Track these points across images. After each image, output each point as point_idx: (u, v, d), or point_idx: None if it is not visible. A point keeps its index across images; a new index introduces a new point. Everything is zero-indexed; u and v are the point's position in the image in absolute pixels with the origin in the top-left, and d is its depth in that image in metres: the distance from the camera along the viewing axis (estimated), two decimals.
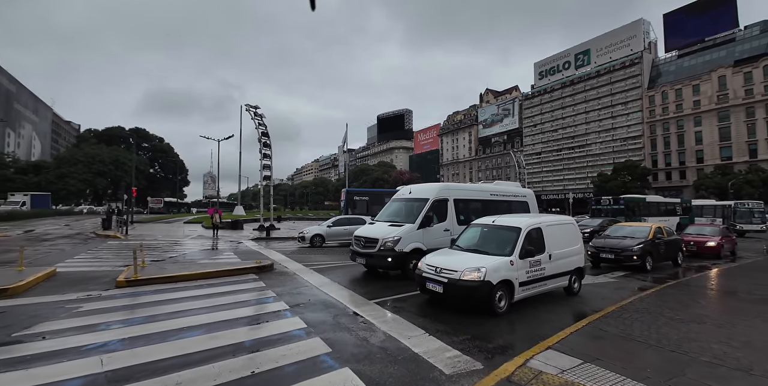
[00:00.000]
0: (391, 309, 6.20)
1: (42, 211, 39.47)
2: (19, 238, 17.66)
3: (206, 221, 32.40)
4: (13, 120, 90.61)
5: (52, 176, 59.46)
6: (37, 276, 7.72)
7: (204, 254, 13.02)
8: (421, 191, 9.97)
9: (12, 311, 5.68)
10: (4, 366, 3.70)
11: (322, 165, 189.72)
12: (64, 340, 4.46)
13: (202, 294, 7.05)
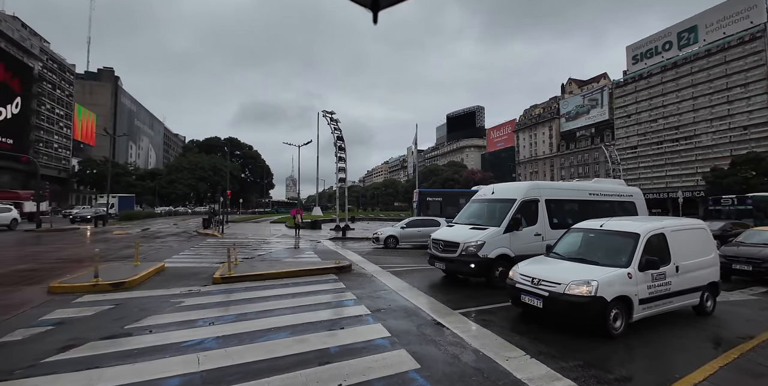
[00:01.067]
0: (479, 321, 5.63)
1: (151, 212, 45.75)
2: (137, 235, 20.47)
3: (289, 221, 34.50)
4: (135, 135, 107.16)
5: (164, 181, 68.90)
6: (149, 271, 8.64)
7: (288, 253, 13.65)
8: (506, 190, 9.13)
9: (126, 303, 6.33)
10: (115, 359, 3.99)
11: (391, 167, 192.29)
12: (167, 335, 4.74)
13: (287, 294, 7.20)
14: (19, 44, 61.80)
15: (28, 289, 7.31)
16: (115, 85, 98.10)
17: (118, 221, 32.78)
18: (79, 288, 7.05)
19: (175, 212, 55.31)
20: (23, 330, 4.83)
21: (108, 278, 7.48)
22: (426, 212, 20.58)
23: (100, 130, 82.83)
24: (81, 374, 3.58)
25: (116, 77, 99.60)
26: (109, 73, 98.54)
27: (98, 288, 7.10)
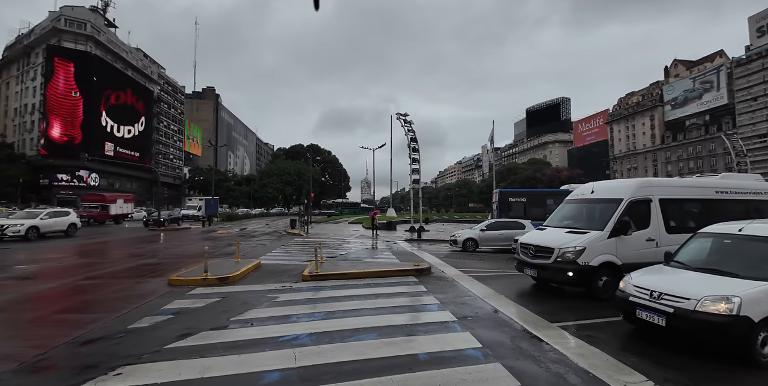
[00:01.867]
0: (582, 337, 4.99)
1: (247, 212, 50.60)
2: (236, 235, 22.79)
3: (366, 222, 35.49)
4: (232, 145, 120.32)
5: (257, 186, 76.15)
6: (248, 267, 9.46)
7: (366, 253, 13.95)
8: (609, 189, 8.09)
9: (230, 297, 6.96)
10: (223, 349, 4.35)
11: (464, 167, 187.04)
12: (266, 329, 5.06)
13: (370, 294, 7.27)
14: (142, 72, 73.73)
15: (152, 281, 8.49)
16: (216, 102, 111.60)
17: (221, 222, 37.01)
18: (192, 281, 7.98)
19: (267, 214, 60.73)
20: (149, 318, 5.56)
21: (215, 273, 8.35)
22: (508, 213, 19.45)
23: (206, 142, 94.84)
24: (196, 361, 3.96)
25: (217, 95, 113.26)
26: (211, 92, 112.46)
27: (207, 282, 7.96)
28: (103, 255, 13.73)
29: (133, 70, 70.55)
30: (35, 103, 57.50)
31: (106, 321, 5.40)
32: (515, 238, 11.61)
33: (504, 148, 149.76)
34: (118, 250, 15.37)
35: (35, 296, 7.24)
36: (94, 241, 18.37)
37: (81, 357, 4.13)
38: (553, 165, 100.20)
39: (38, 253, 13.31)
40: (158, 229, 25.97)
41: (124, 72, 66.99)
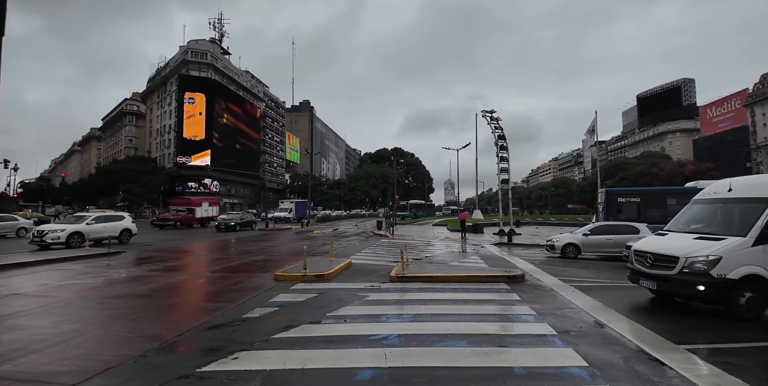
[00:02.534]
0: (718, 364, 4.14)
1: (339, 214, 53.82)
2: (330, 235, 24.38)
3: (451, 224, 34.91)
4: (325, 152, 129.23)
5: (346, 189, 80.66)
6: (341, 266, 10.04)
7: (453, 257, 13.68)
8: (753, 186, 6.61)
9: (326, 293, 7.45)
10: (320, 342, 4.67)
11: (561, 163, 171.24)
12: (358, 326, 5.29)
13: (458, 299, 7.10)
14: (251, 91, 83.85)
15: (262, 276, 9.55)
16: (311, 113, 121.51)
17: (316, 222, 40.09)
18: (294, 277, 8.77)
19: (356, 215, 63.89)
20: (259, 309, 6.25)
21: (313, 271, 9.04)
22: (617, 215, 17.23)
23: (303, 150, 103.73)
24: (298, 352, 4.32)
25: (311, 107, 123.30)
26: (306, 105, 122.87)
27: (306, 279, 8.67)
28: (222, 251, 15.91)
29: (244, 90, 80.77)
30: (171, 124, 69.57)
31: (226, 310, 6.24)
32: (627, 244, 10.24)
33: (610, 141, 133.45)
34: (231, 248, 17.63)
35: (173, 285, 8.72)
36: (183, 243, 21.42)
37: (207, 340, 4.83)
38: (673, 158, 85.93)
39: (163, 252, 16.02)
40: (264, 230, 29.13)
41: (237, 93, 77.06)
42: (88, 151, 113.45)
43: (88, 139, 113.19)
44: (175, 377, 3.70)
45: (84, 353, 4.37)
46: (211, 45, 73.66)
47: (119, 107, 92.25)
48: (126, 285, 8.36)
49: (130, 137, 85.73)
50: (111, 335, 5.04)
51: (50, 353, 4.34)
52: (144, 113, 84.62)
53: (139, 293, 7.62)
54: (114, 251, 13.97)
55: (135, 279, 9.07)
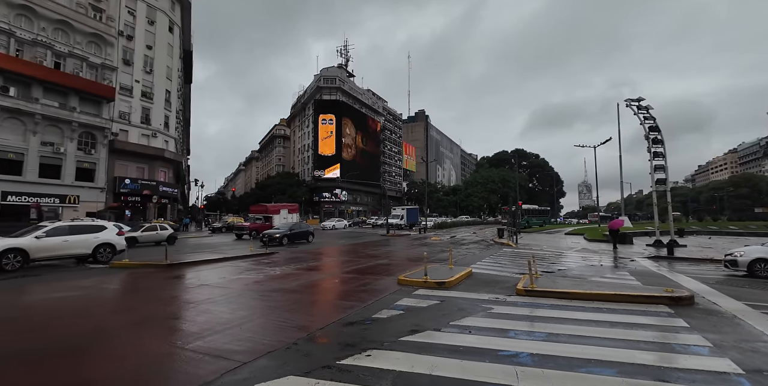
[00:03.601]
0: None
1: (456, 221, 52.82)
2: (447, 242, 24.23)
3: (589, 232, 30.89)
4: (440, 159, 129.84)
5: (462, 195, 79.15)
6: (461, 275, 9.89)
7: (593, 271, 12.03)
8: None
9: (448, 301, 7.43)
10: (445, 351, 4.68)
11: (743, 157, 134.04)
12: (484, 339, 5.12)
13: (603, 320, 6.21)
14: (372, 108, 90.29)
15: (386, 279, 10.09)
16: (426, 122, 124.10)
17: (433, 229, 40.40)
18: (416, 283, 9.01)
19: (474, 222, 61.97)
20: (386, 311, 6.62)
21: (433, 278, 9.14)
22: None
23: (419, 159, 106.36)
24: (425, 358, 4.42)
25: (426, 116, 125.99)
26: (421, 115, 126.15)
27: (428, 285, 8.81)
28: (352, 254, 17.37)
29: (366, 107, 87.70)
30: (309, 143, 79.90)
31: (358, 309, 6.79)
32: None
33: None
34: (361, 251, 19.06)
35: (314, 283, 9.91)
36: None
37: (344, 335, 5.35)
38: None
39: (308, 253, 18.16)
40: (386, 235, 30.70)
41: (360, 110, 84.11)
42: (250, 169, 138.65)
43: (250, 160, 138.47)
44: (320, 366, 4.21)
45: (252, 336, 5.34)
46: (339, 70, 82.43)
47: (270, 132, 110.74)
48: (280, 281, 9.87)
49: (279, 156, 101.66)
50: (271, 323, 6.03)
51: (228, 334, 5.43)
52: (289, 135, 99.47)
53: (289, 288, 8.92)
54: (270, 251, 16.67)
55: (286, 276, 10.64)
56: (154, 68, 41.12)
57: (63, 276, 10.92)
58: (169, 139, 43.26)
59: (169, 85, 43.50)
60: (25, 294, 8.80)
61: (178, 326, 6.00)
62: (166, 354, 4.71)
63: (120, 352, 4.82)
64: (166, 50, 43.05)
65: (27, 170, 30.41)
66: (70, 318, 6.75)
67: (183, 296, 8.40)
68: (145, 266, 12.62)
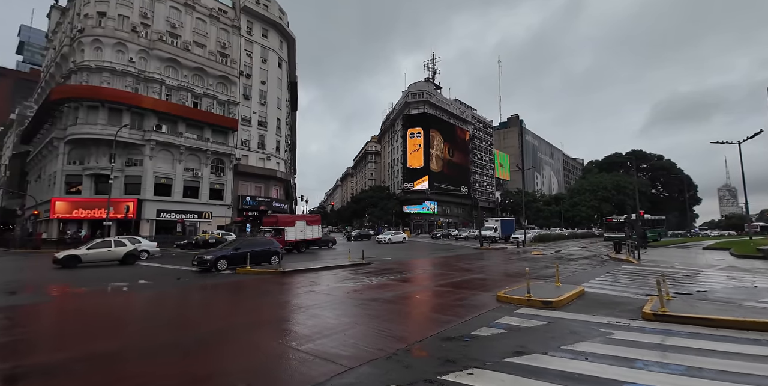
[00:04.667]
0: None
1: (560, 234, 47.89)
2: (551, 257, 22.19)
3: (736, 247, 25.42)
4: (538, 166, 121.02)
5: (567, 204, 71.90)
6: (571, 294, 8.94)
7: (745, 294, 9.76)
8: None
9: (557, 323, 6.77)
10: (559, 377, 4.26)
11: None
12: (604, 368, 4.53)
13: (763, 355, 4.98)
14: (460, 117, 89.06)
15: (483, 294, 9.66)
16: (520, 127, 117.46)
17: (533, 242, 37.45)
18: (517, 300, 8.44)
19: (582, 235, 55.64)
20: (486, 329, 6.32)
21: (537, 296, 8.46)
22: None
23: (513, 167, 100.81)
24: (535, 383, 4.10)
25: (520, 121, 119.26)
26: (515, 120, 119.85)
27: (531, 304, 8.18)
28: (444, 267, 17.09)
29: (454, 117, 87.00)
30: (398, 157, 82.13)
31: (456, 324, 6.64)
32: None
33: None
34: (454, 264, 18.63)
35: (409, 295, 10.01)
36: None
37: (443, 350, 5.27)
38: None
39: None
40: (479, 248, 29.46)
41: (448, 121, 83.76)
42: (345, 184, 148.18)
43: (345, 176, 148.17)
44: (421, 379, 4.21)
45: (355, 342, 5.61)
46: (426, 84, 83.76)
47: (363, 149, 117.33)
48: (377, 291, 10.22)
49: (371, 171, 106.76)
50: (371, 331, 6.26)
51: (334, 339, 5.80)
52: (379, 151, 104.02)
53: (386, 298, 9.17)
54: (367, 261, 17.43)
55: (382, 287, 10.98)
56: (267, 100, 47.30)
57: (194, 279, 13.00)
58: (280, 160, 48.89)
59: (279, 114, 49.48)
60: (165, 295, 10.71)
61: (291, 328, 6.63)
62: (282, 353, 5.24)
63: (245, 349, 5.52)
64: (276, 83, 49.27)
65: (174, 191, 37.33)
66: (202, 317, 8.02)
67: (294, 300, 9.26)
68: (263, 273, 14.28)
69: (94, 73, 34.58)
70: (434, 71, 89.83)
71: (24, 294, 10.53)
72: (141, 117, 36.03)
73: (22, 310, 8.63)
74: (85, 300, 9.77)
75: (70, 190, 33.94)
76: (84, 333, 6.67)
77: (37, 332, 7.01)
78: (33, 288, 11.60)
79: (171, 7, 39.49)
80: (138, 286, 11.77)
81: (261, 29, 47.81)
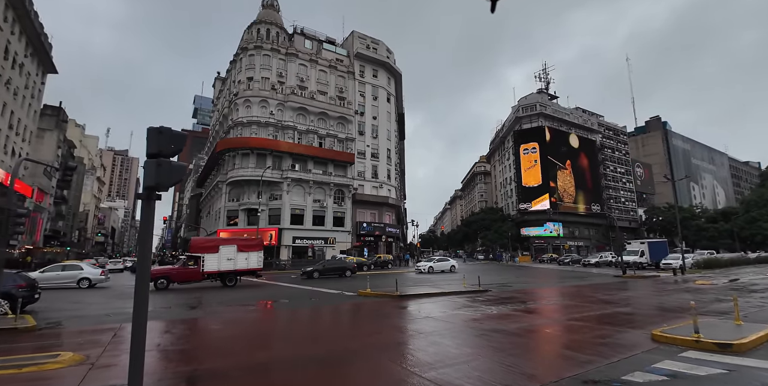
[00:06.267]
0: None
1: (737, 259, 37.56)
2: (724, 287, 17.58)
3: None
4: (693, 174, 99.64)
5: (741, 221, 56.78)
6: (760, 335, 6.94)
7: None
8: None
9: (742, 372, 5.30)
10: None
11: None
12: None
13: None
14: (584, 126, 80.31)
15: (631, 332, 8.19)
16: (664, 130, 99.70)
17: (697, 270, 30.27)
18: (680, 341, 6.92)
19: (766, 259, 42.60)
20: (641, 374, 5.33)
21: (710, 336, 6.80)
22: None
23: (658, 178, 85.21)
24: None
25: (663, 123, 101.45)
26: (655, 122, 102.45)
27: (701, 346, 6.61)
28: (578, 298, 15.06)
29: (575, 127, 79.00)
30: (511, 175, 77.75)
31: (599, 366, 5.77)
32: None
33: None
34: (590, 295, 16.27)
35: (537, 327, 9.12)
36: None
37: None
38: None
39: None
40: (621, 276, 25.16)
41: (568, 132, 76.37)
42: (454, 207, 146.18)
43: (454, 198, 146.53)
44: None
45: (480, 376, 5.37)
46: (538, 96, 78.79)
47: (471, 170, 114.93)
48: (498, 321, 9.63)
49: (481, 193, 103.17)
50: (497, 365, 5.91)
51: (458, 369, 5.65)
52: (489, 171, 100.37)
53: (510, 330, 8.55)
54: (484, 289, 16.61)
55: (504, 317, 10.29)
56: (378, 134, 51.12)
57: (323, 300, 14.23)
58: (391, 188, 51.51)
59: (389, 145, 52.78)
60: (299, 312, 11.95)
61: (414, 353, 6.72)
62: (407, 378, 5.34)
63: (374, 369, 5.81)
64: (386, 117, 53.11)
65: (305, 220, 42.42)
66: (333, 335, 8.71)
67: (412, 326, 9.37)
68: (382, 296, 14.89)
69: (245, 126, 42.77)
70: (547, 81, 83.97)
71: (200, 309, 13.12)
72: (279, 159, 42.69)
73: (195, 322, 10.77)
74: (238, 315, 11.66)
75: (230, 222, 41.61)
76: (242, 343, 7.95)
77: (207, 341, 8.65)
78: (202, 305, 14.37)
79: (300, 64, 46.85)
80: (280, 304, 13.54)
81: (371, 70, 52.65)
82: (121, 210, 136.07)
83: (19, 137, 38.87)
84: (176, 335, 8.82)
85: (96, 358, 6.50)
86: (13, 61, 35.75)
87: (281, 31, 47.44)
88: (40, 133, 46.04)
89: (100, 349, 7.15)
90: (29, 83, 40.45)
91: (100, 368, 5.98)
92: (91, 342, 7.92)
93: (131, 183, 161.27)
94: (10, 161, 35.73)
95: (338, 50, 51.46)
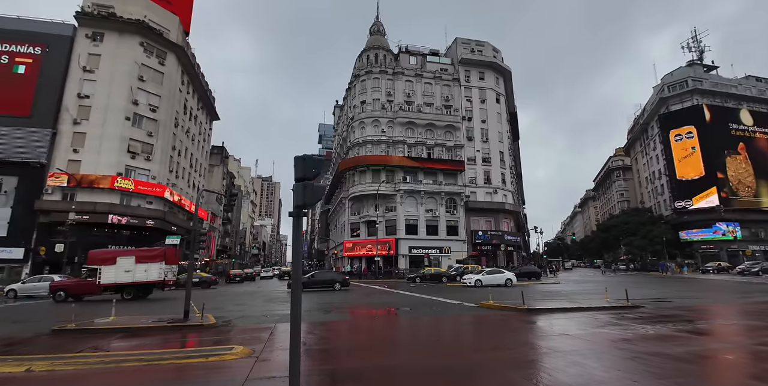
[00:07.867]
0: None
1: None
2: None
3: None
4: None
5: None
6: None
7: None
8: None
9: None
10: None
11: None
12: None
13: None
14: (760, 99, 62.79)
15: None
16: None
17: None
18: None
19: None
20: None
21: None
22: None
23: None
24: None
25: None
26: None
27: None
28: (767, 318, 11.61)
29: (748, 101, 62.46)
30: (659, 168, 65.14)
31: None
32: None
33: None
34: None
35: (715, 354, 7.33)
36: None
37: None
38: None
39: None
40: None
41: (737, 108, 60.76)
42: (587, 210, 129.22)
43: (585, 200, 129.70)
44: None
45: None
46: (689, 69, 64.81)
47: (605, 166, 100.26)
48: (657, 343, 8.07)
49: (621, 191, 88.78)
50: None
51: None
52: (629, 166, 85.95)
53: (674, 355, 7.09)
54: (633, 305, 14.16)
55: (665, 338, 8.58)
56: (489, 137, 49.28)
57: (446, 310, 14.07)
58: (506, 192, 48.70)
59: (501, 147, 50.27)
60: (420, 321, 12.03)
61: (551, 373, 6.13)
62: None
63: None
64: (496, 119, 50.93)
65: (419, 230, 43.20)
66: (459, 347, 8.54)
67: (546, 343, 8.56)
68: (506, 309, 14.02)
69: (361, 146, 46.36)
70: (701, 50, 67.98)
71: (334, 313, 14.47)
72: (392, 173, 44.83)
73: (331, 325, 11.88)
74: (363, 322, 12.43)
75: (353, 234, 45.17)
76: (374, 347, 8.46)
77: (342, 343, 9.45)
78: (335, 309, 15.78)
79: (406, 80, 48.92)
80: (402, 312, 14.00)
81: (477, 73, 51.53)
82: (268, 227, 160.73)
83: (197, 173, 49.95)
84: (318, 335, 9.94)
85: (259, 352, 7.77)
86: (190, 114, 46.46)
87: (388, 53, 50.51)
88: (210, 168, 58.33)
89: (261, 345, 8.52)
90: (201, 130, 51.89)
91: (263, 361, 7.13)
92: (254, 338, 9.51)
93: (275, 204, 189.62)
94: (192, 192, 46.14)
95: (442, 60, 51.97)
